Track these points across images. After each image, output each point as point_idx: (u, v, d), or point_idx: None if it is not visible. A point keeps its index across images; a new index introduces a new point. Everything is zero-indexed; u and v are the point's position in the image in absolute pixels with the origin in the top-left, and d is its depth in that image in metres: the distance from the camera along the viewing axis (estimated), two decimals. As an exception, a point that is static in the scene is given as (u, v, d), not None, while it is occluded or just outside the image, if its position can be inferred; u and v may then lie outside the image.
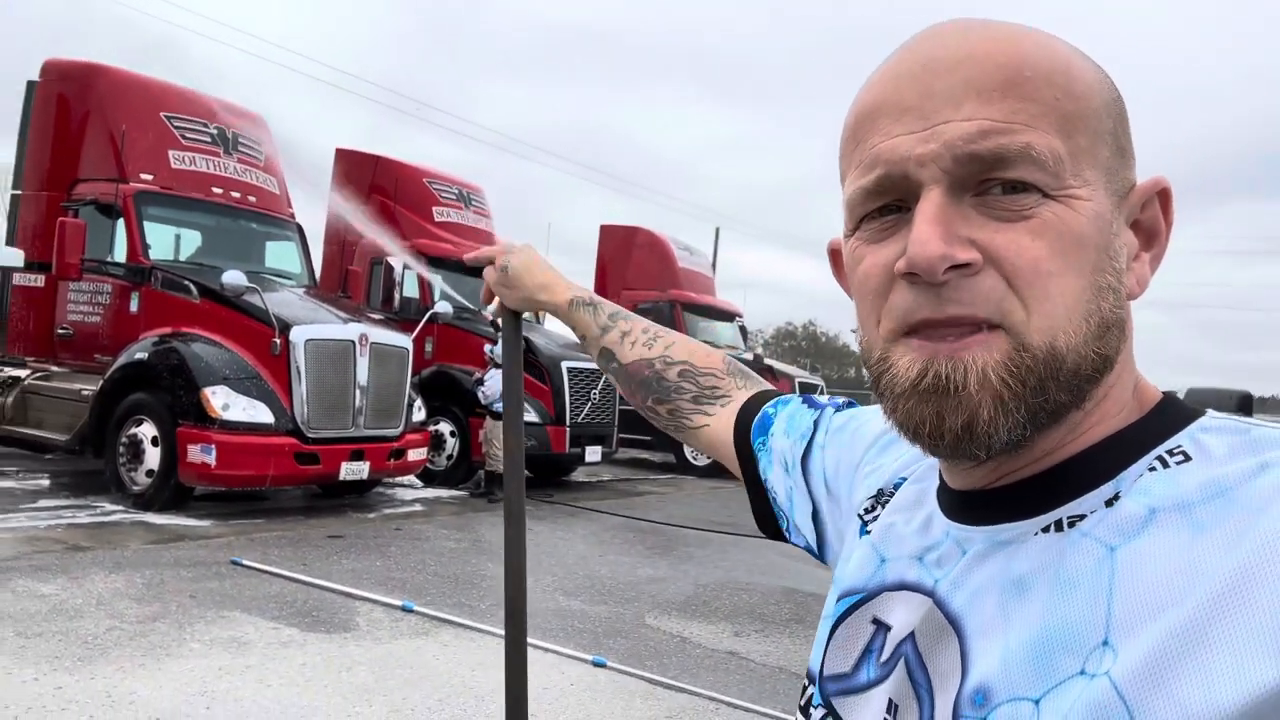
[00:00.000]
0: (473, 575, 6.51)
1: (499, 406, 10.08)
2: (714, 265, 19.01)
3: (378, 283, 11.55)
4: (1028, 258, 0.51)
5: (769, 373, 14.72)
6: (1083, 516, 0.53)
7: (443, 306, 11.03)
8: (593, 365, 12.32)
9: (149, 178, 8.97)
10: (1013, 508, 0.57)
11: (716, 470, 14.27)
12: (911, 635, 0.59)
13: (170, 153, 9.21)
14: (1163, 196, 0.58)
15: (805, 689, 0.68)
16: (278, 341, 8.16)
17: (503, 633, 5.05)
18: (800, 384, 14.79)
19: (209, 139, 9.58)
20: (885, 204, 0.56)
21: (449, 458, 10.96)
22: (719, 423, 1.00)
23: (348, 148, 12.58)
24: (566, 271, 1.21)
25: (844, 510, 0.77)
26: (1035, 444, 0.55)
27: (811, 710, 0.66)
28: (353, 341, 8.60)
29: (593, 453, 11.57)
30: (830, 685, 0.65)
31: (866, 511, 0.71)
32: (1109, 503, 0.53)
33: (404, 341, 9.31)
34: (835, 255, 0.64)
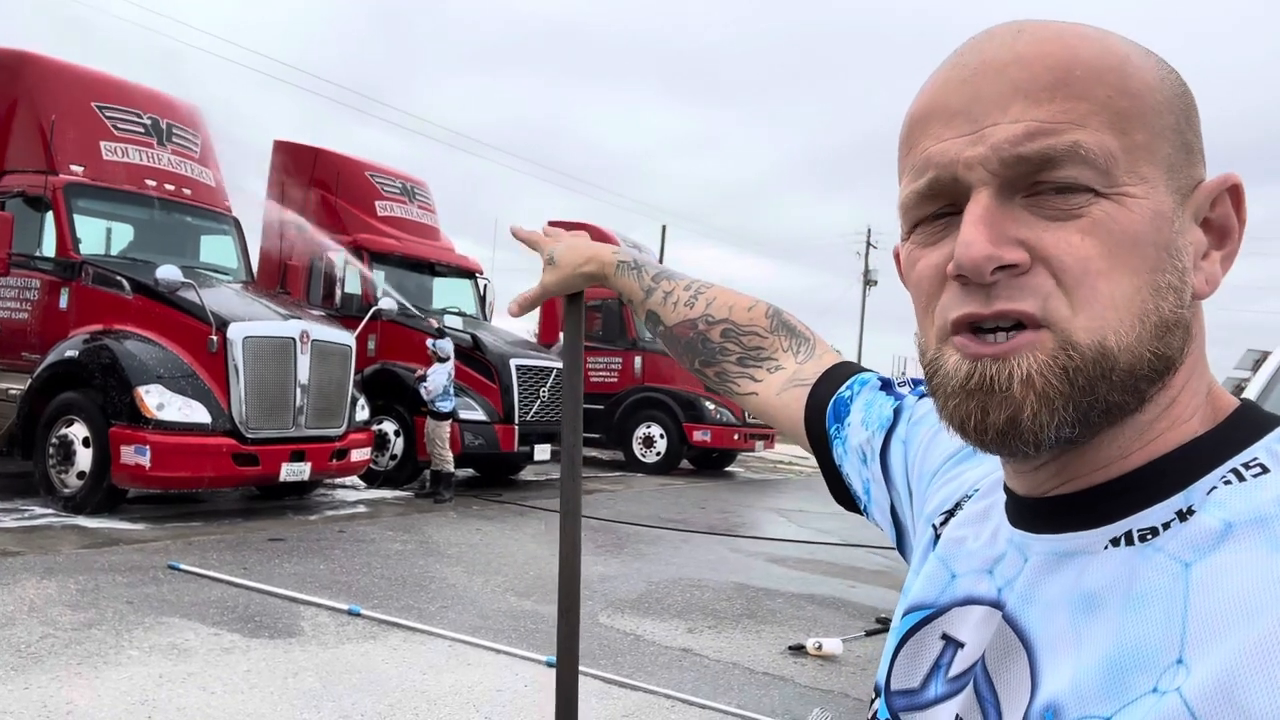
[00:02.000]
0: (421, 577, 6.40)
1: (441, 405, 9.94)
2: (660, 262, 19.00)
3: (318, 278, 11.32)
4: (1076, 256, 0.51)
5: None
6: (1154, 530, 0.52)
7: (386, 303, 10.85)
8: (541, 362, 12.31)
9: (79, 169, 8.65)
10: (1078, 516, 0.55)
11: (666, 467, 14.30)
12: (984, 653, 0.59)
13: (102, 144, 8.89)
14: (1233, 193, 0.56)
15: (871, 701, 0.68)
16: (214, 339, 7.93)
17: (454, 635, 4.97)
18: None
19: (142, 130, 9.27)
20: (938, 208, 0.56)
21: (393, 458, 10.79)
22: (767, 390, 0.98)
23: (287, 140, 12.29)
24: (511, 266, 1.17)
25: (919, 513, 0.76)
26: (1100, 449, 0.54)
27: None
28: (293, 339, 8.40)
29: (542, 451, 11.48)
30: (898, 700, 0.65)
31: (941, 523, 0.70)
32: (1182, 516, 0.51)
33: (346, 339, 9.13)
34: (899, 259, 0.64)
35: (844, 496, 0.90)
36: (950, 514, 0.70)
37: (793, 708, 4.38)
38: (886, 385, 0.87)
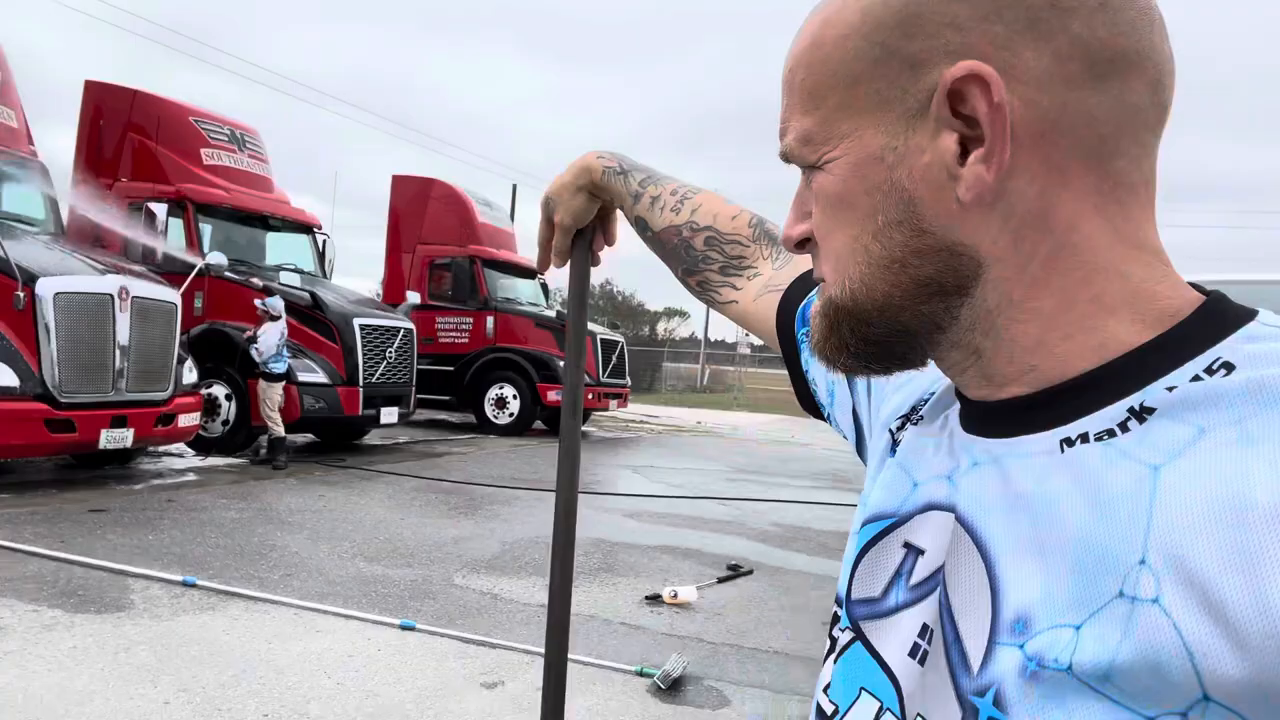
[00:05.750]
0: (260, 546, 6.09)
1: (274, 366, 9.47)
2: (512, 222, 18.66)
3: (137, 231, 10.47)
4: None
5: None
6: (1111, 431, 0.50)
7: (215, 258, 10.17)
8: (387, 322, 11.91)
9: None
10: (1029, 419, 0.54)
11: (519, 429, 14.17)
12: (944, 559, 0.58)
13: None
14: (975, 82, 0.50)
15: (834, 611, 0.67)
16: (21, 295, 7.21)
17: (299, 602, 4.81)
18: (601, 340, 14.90)
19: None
20: None
21: (225, 423, 10.19)
22: (745, 298, 0.99)
23: (99, 80, 11.25)
24: (352, 224, 1.08)
25: (875, 417, 0.75)
26: (988, 359, 0.56)
27: (838, 633, 0.65)
28: (111, 295, 7.76)
29: (388, 414, 11.13)
30: (858, 609, 0.63)
31: (898, 429, 0.69)
32: (1140, 418, 0.50)
33: (171, 296, 8.53)
34: None
35: (810, 402, 0.91)
36: (906, 419, 0.69)
37: (651, 655, 4.44)
38: None
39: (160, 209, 10.30)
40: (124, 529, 6.25)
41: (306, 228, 12.35)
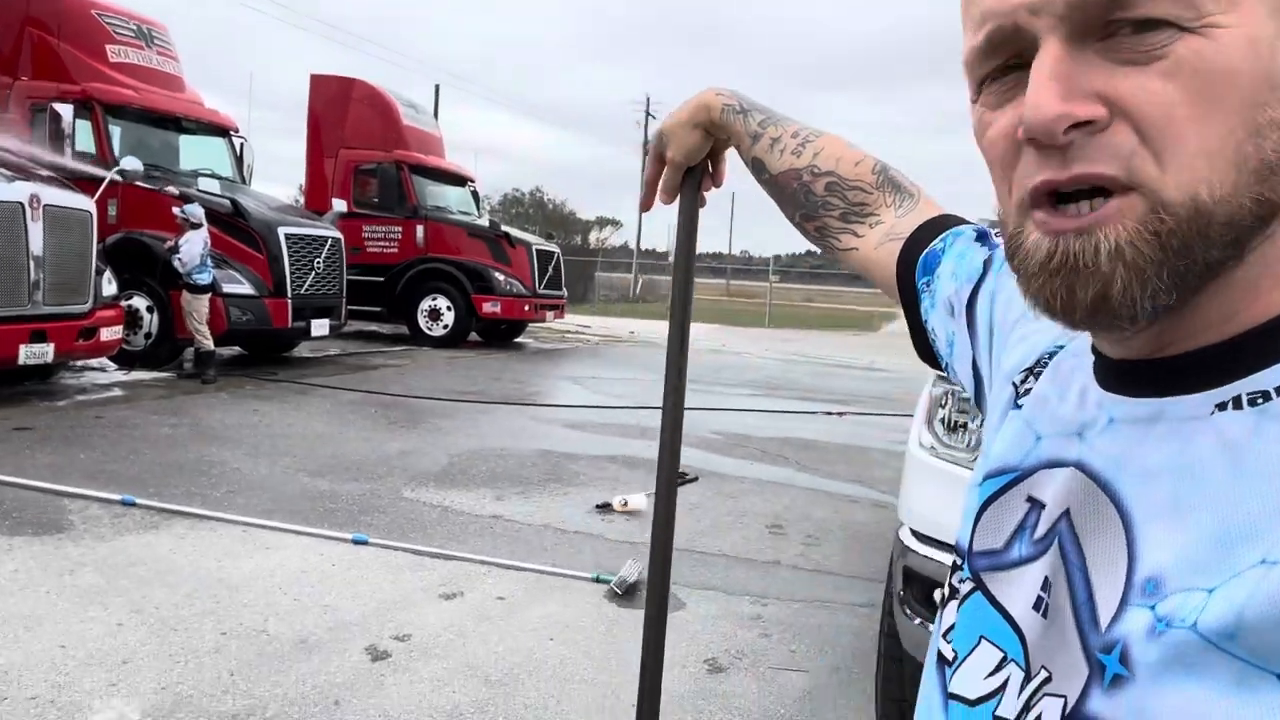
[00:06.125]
0: (199, 462, 5.96)
1: (199, 276, 9.13)
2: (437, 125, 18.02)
3: (43, 135, 9.83)
4: (1159, 103, 0.45)
5: (505, 240, 14.43)
6: (1266, 394, 0.47)
7: (130, 163, 9.63)
8: (315, 231, 11.47)
9: None
10: (1180, 380, 0.51)
11: (454, 340, 13.99)
12: (1066, 512, 0.55)
13: None
14: None
15: (954, 564, 0.65)
16: (-81, 203, 6.75)
17: (246, 519, 4.79)
18: (537, 250, 14.67)
19: None
20: (1004, 61, 0.50)
21: (147, 336, 9.83)
22: (867, 245, 0.95)
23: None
24: (270, 126, 1.00)
25: (997, 368, 0.72)
26: (1200, 312, 0.50)
27: (958, 582, 0.64)
28: (21, 204, 7.31)
29: (319, 326, 10.86)
30: (979, 560, 0.62)
31: (1021, 381, 0.66)
32: None
33: (85, 204, 8.08)
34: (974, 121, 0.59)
35: (927, 352, 0.89)
36: (1031, 371, 0.66)
37: (606, 562, 4.53)
38: (981, 236, 0.84)
39: (66, 110, 9.68)
40: (53, 447, 6.04)
41: (222, 130, 11.76)
